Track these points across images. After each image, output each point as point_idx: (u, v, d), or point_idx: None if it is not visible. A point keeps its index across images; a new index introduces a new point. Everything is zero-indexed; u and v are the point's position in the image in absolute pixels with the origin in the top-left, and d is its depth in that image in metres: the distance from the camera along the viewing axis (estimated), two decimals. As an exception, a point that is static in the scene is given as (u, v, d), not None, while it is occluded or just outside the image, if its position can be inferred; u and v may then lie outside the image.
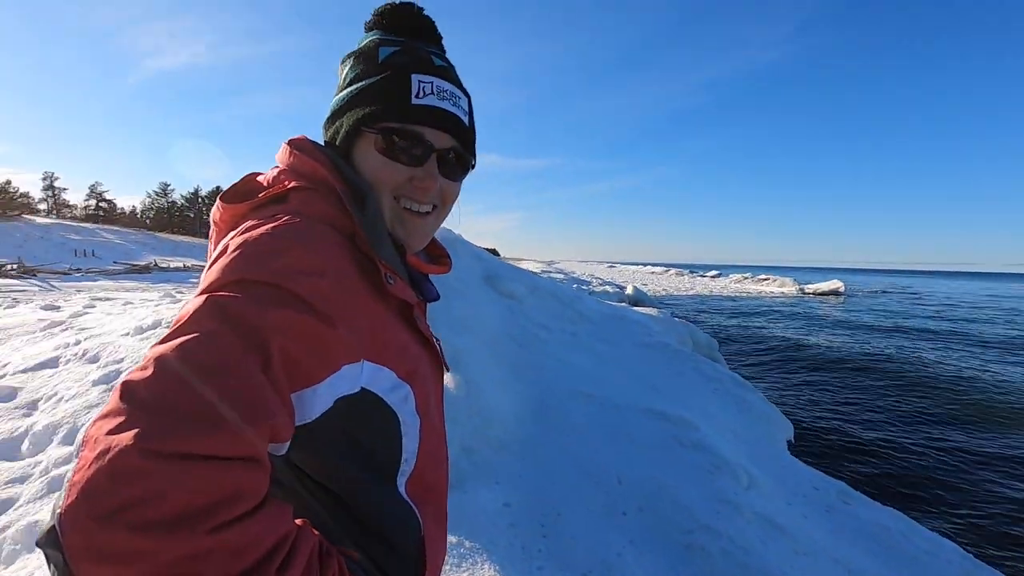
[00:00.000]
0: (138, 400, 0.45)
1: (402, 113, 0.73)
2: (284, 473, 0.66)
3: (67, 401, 3.86)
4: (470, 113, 0.81)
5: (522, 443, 3.31)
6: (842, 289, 39.61)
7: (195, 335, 0.50)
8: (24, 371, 4.53)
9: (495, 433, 3.25)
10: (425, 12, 0.81)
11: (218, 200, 0.74)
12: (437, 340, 0.85)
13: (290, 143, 0.77)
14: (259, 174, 0.78)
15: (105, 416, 0.45)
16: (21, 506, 2.83)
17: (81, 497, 0.40)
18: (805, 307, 28.36)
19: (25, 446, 3.41)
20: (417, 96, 0.73)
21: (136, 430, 0.42)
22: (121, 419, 0.43)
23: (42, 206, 62.09)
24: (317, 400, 0.58)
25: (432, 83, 0.75)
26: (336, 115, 0.78)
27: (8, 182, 51.43)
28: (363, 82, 0.76)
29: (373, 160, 0.75)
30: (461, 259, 5.99)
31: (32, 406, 3.92)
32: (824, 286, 40.37)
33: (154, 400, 0.45)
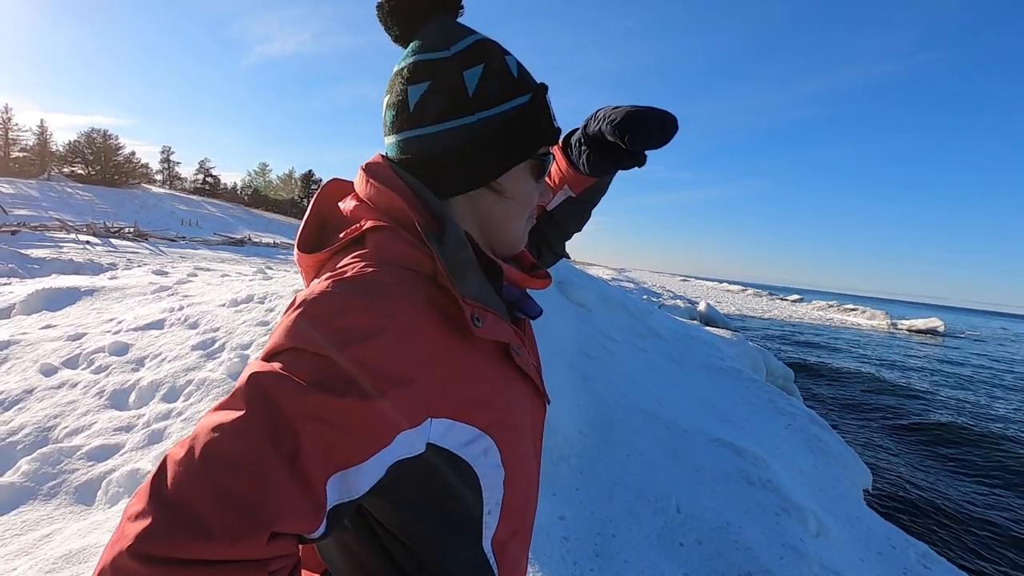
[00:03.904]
0: (160, 486, 0.47)
1: (553, 136, 0.73)
2: (356, 527, 0.67)
3: (169, 362, 4.25)
4: None
5: (582, 457, 3.30)
6: (941, 328, 36.01)
7: (232, 420, 0.50)
8: (135, 329, 5.03)
9: (555, 444, 3.25)
10: None
11: (296, 247, 0.71)
12: (538, 368, 0.79)
13: (366, 170, 0.71)
14: (330, 193, 0.75)
15: (139, 494, 0.47)
16: (125, 453, 3.15)
17: None
18: (897, 345, 26.20)
19: (132, 398, 3.79)
20: (554, 119, 0.73)
21: (144, 527, 0.44)
22: (143, 506, 0.46)
23: (158, 177, 68.41)
24: (363, 476, 0.54)
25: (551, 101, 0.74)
26: (486, 136, 0.69)
27: (133, 153, 57.08)
28: (515, 103, 0.70)
29: (525, 185, 0.74)
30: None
31: (140, 362, 4.34)
32: (920, 323, 36.98)
33: (171, 492, 0.46)
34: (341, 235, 0.66)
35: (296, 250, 0.71)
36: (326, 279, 0.59)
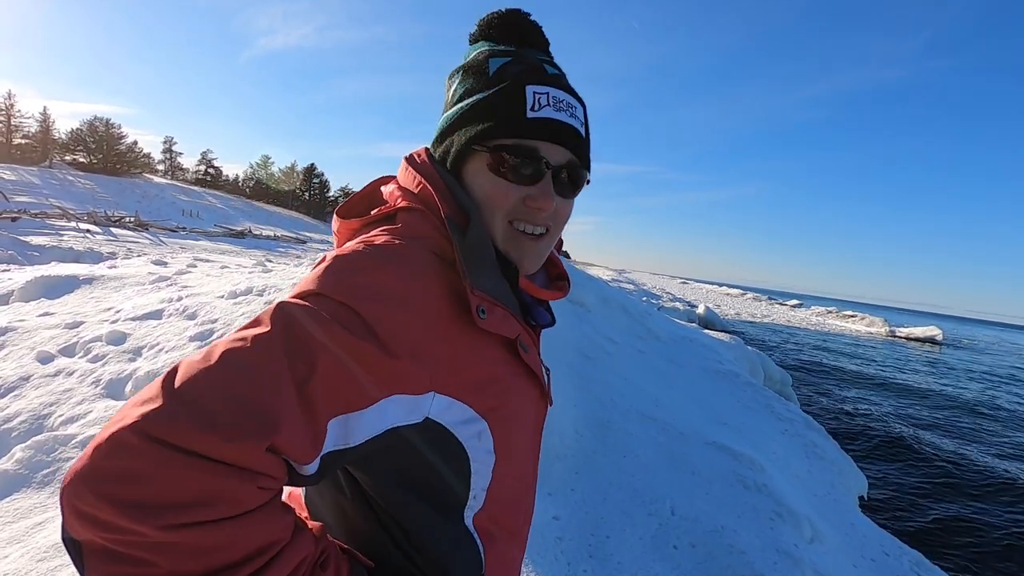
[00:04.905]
0: (172, 380, 0.48)
1: (517, 128, 0.69)
2: (353, 494, 0.68)
3: (166, 352, 4.24)
4: (585, 123, 0.75)
5: (578, 458, 3.29)
6: (940, 337, 35.96)
7: (254, 334, 0.52)
8: (133, 319, 5.01)
9: (552, 443, 3.24)
10: (532, 17, 0.77)
11: (335, 213, 0.77)
12: (547, 370, 0.81)
13: (408, 159, 0.76)
14: (386, 180, 0.80)
15: (149, 386, 0.49)
16: (120, 443, 3.14)
17: (87, 455, 0.45)
18: (894, 352, 26.19)
19: (128, 388, 3.78)
20: (532, 109, 0.69)
21: (151, 409, 0.46)
22: (152, 394, 0.47)
23: (160, 167, 68.35)
24: (362, 426, 0.56)
25: (548, 93, 0.70)
26: (446, 133, 0.75)
27: (135, 142, 57.00)
28: (474, 97, 0.72)
29: (485, 180, 0.71)
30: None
31: (137, 352, 4.33)
32: (919, 331, 36.98)
33: (182, 385, 0.48)
34: (374, 211, 0.73)
35: (335, 216, 0.78)
36: (358, 242, 0.65)
